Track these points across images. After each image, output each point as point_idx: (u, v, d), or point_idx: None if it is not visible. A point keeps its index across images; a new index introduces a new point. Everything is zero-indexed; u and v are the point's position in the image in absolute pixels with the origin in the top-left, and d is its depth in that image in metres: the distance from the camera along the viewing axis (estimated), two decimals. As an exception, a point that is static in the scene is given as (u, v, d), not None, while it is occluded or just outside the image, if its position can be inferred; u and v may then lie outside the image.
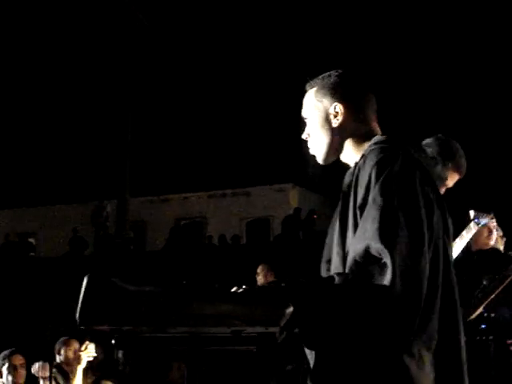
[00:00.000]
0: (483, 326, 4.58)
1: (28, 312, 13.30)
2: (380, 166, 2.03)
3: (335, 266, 2.14)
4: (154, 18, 19.52)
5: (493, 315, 4.77)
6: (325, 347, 1.97)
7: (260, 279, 6.70)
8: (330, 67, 2.34)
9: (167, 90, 22.82)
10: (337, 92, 2.24)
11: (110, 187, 19.98)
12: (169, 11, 20.56)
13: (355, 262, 1.96)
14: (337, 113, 2.23)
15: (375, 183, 2.01)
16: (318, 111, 2.26)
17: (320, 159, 2.31)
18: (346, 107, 2.23)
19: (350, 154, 2.25)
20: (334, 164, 4.12)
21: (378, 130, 2.28)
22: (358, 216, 2.05)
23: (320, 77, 2.30)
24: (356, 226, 2.06)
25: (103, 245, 17.25)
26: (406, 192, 1.99)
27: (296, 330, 1.93)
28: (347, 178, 2.21)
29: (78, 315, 1.69)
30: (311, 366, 2.03)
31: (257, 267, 6.95)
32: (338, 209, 2.19)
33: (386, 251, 1.89)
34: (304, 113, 2.33)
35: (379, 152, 2.09)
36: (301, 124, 2.37)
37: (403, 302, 1.88)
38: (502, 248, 5.45)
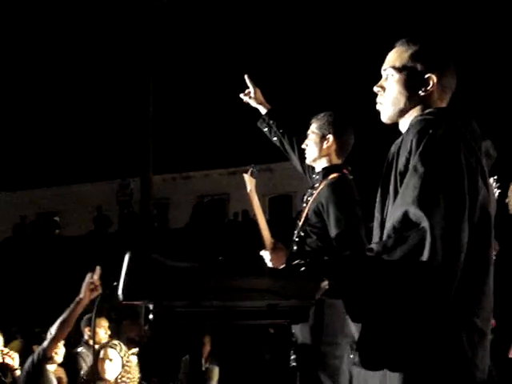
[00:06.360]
0: None
1: (53, 289, 13.47)
2: (421, 134, 2.03)
3: (374, 231, 2.19)
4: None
5: None
6: (369, 318, 2.01)
7: None
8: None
9: (188, 68, 22.76)
10: (433, 62, 2.21)
11: (133, 165, 20.06)
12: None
13: (393, 227, 1.98)
14: (428, 84, 2.20)
15: (415, 151, 2.02)
16: (409, 73, 2.21)
17: (384, 117, 2.28)
18: (438, 79, 2.21)
19: (406, 123, 2.22)
20: (356, 140, 4.07)
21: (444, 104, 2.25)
22: (398, 183, 2.07)
23: (416, 40, 2.25)
24: (396, 192, 2.07)
25: (127, 223, 17.38)
26: (448, 160, 1.99)
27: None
28: (392, 148, 2.20)
29: (120, 291, 1.72)
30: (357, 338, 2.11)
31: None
32: (382, 178, 2.20)
33: (424, 217, 1.90)
34: (387, 65, 2.27)
35: (422, 122, 2.09)
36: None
37: (439, 268, 1.87)
38: None
